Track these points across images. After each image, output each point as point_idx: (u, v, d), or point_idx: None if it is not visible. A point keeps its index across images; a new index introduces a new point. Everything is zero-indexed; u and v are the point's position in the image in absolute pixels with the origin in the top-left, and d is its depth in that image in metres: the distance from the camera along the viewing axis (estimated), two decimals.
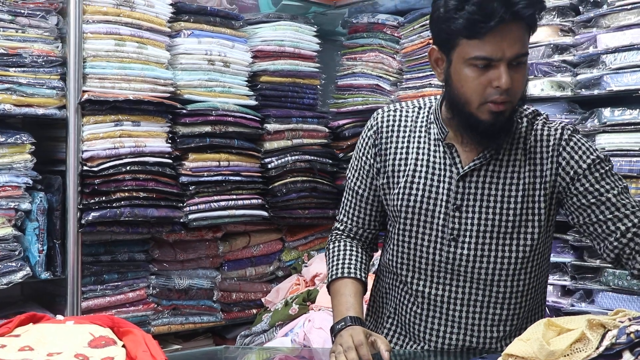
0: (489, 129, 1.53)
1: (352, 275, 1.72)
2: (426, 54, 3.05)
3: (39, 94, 2.57)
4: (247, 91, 3.15)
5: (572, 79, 2.61)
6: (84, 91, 2.65)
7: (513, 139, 1.62)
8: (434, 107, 1.69)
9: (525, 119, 1.65)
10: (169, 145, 2.87)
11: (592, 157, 1.59)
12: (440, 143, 1.65)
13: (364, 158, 1.74)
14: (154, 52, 2.83)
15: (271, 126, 3.18)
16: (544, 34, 2.69)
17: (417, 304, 1.67)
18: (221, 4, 3.17)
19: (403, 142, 1.69)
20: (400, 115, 1.72)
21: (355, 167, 1.77)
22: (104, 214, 2.66)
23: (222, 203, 3.01)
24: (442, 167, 1.63)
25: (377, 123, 1.73)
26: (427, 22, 3.05)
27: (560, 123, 1.66)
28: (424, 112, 1.71)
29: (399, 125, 1.71)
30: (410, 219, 1.65)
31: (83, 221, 2.63)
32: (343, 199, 1.82)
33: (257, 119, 3.14)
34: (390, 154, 1.70)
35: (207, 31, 3.02)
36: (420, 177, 1.64)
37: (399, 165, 1.68)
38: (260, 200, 3.14)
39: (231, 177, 3.04)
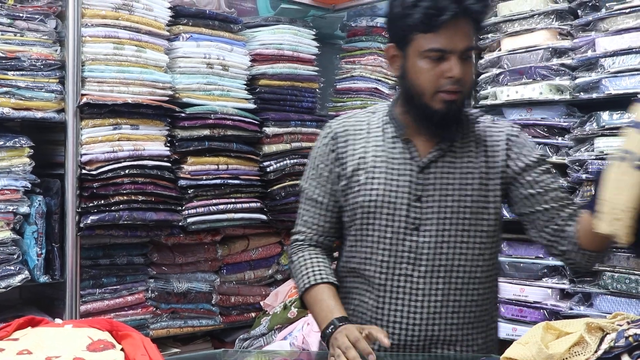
0: (443, 118, 1.64)
1: (325, 280, 1.74)
2: None
3: (37, 97, 2.57)
4: (245, 94, 3.15)
5: (570, 83, 2.61)
6: (83, 95, 2.65)
7: (465, 132, 1.73)
8: (388, 109, 1.79)
9: (473, 116, 1.78)
10: (168, 148, 2.87)
11: (538, 152, 1.74)
12: (398, 140, 1.73)
13: (322, 166, 1.80)
14: (152, 55, 2.83)
15: (270, 129, 3.18)
16: (542, 38, 2.69)
17: (379, 299, 1.71)
18: (220, 7, 3.17)
19: (360, 144, 1.76)
20: (354, 121, 1.81)
21: (312, 177, 1.82)
22: (103, 218, 2.66)
23: (221, 206, 3.01)
24: (401, 161, 1.71)
25: (332, 130, 1.81)
26: None
27: (507, 122, 1.81)
28: (377, 115, 1.80)
29: (354, 130, 1.79)
30: (373, 212, 1.70)
31: (82, 225, 2.63)
32: (300, 211, 1.85)
33: (256, 122, 3.14)
34: (348, 157, 1.76)
35: (206, 35, 3.02)
36: (380, 173, 1.71)
37: (358, 165, 1.74)
38: (259, 204, 3.14)
39: (230, 181, 3.04)
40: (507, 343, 1.34)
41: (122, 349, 1.34)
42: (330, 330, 1.62)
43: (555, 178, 1.74)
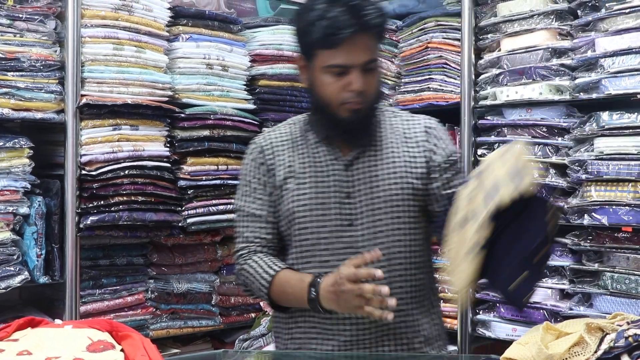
0: (350, 126, 1.73)
1: (284, 267, 1.76)
2: (425, 57, 3.09)
3: (37, 98, 2.57)
4: (245, 95, 3.15)
5: (570, 83, 2.61)
6: (82, 95, 2.65)
7: (385, 126, 1.83)
8: (307, 117, 1.87)
9: (391, 112, 1.87)
10: (168, 149, 2.87)
11: (451, 148, 1.83)
12: (321, 144, 1.80)
13: (255, 180, 1.85)
14: (152, 56, 2.83)
15: None
16: (542, 38, 2.69)
17: None
18: (219, 8, 3.17)
19: (287, 154, 1.83)
20: (276, 135, 1.88)
21: (246, 193, 1.86)
22: (103, 218, 2.66)
23: (221, 207, 3.01)
24: (327, 163, 1.79)
25: (258, 145, 1.87)
26: (426, 26, 3.09)
27: (422, 115, 1.90)
28: (298, 125, 1.87)
29: (279, 142, 1.86)
30: (306, 216, 1.76)
31: (81, 225, 2.63)
32: (239, 230, 1.86)
33: (256, 122, 3.14)
34: (277, 168, 1.82)
35: (206, 35, 3.02)
36: (308, 177, 1.78)
37: (286, 174, 1.81)
38: None
39: (230, 181, 3.03)
40: (507, 343, 1.34)
41: (122, 350, 1.34)
42: (319, 279, 1.64)
43: (462, 177, 1.82)
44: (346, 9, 1.62)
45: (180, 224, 2.89)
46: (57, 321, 1.48)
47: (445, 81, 3.03)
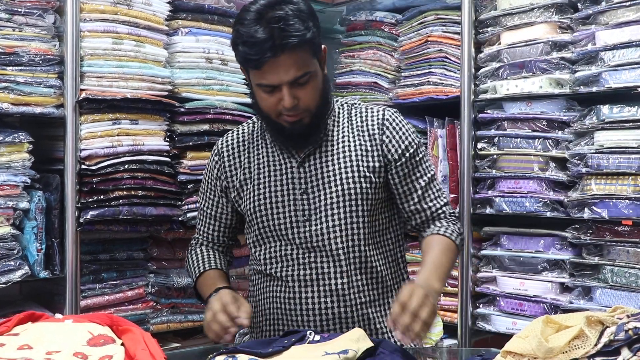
0: (293, 133, 1.76)
1: (213, 267, 1.93)
2: (425, 51, 3.09)
3: (36, 92, 2.56)
4: (245, 89, 3.15)
5: (570, 76, 2.61)
6: (82, 90, 2.64)
7: (343, 122, 1.86)
8: None
9: (346, 105, 1.90)
10: (167, 143, 2.86)
11: (409, 140, 1.85)
12: (275, 143, 1.86)
13: (209, 180, 1.98)
14: (151, 50, 2.82)
15: None
16: (542, 31, 2.69)
17: (289, 291, 1.82)
18: (219, 2, 3.16)
19: (245, 156, 1.90)
20: (238, 135, 1.95)
21: (203, 190, 2.02)
22: (103, 213, 2.66)
23: None
24: (282, 161, 1.85)
25: (217, 149, 1.96)
26: (426, 19, 3.09)
27: (383, 107, 1.91)
28: (257, 125, 1.94)
29: (238, 144, 1.93)
30: (266, 214, 1.83)
31: (81, 220, 2.63)
32: (197, 222, 2.06)
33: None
34: (236, 169, 1.91)
35: (205, 29, 3.02)
36: (264, 176, 1.85)
37: (245, 175, 1.89)
38: None
39: None
40: (507, 337, 1.34)
41: (122, 344, 1.34)
42: (211, 297, 1.76)
43: (425, 171, 1.87)
44: (267, 31, 1.61)
45: (180, 218, 2.89)
46: (58, 315, 1.48)
47: (445, 75, 3.03)
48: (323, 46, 1.79)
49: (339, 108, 1.89)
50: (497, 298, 2.80)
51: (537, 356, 1.18)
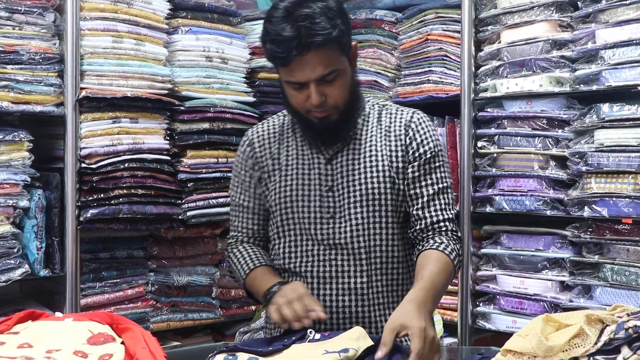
0: (323, 128, 1.77)
1: (263, 263, 1.86)
2: (425, 49, 3.09)
3: (36, 91, 2.56)
4: (245, 88, 3.15)
5: (570, 75, 2.61)
6: (82, 88, 2.64)
7: (372, 121, 1.85)
8: None
9: (377, 106, 1.89)
10: (167, 142, 2.86)
11: (430, 145, 1.82)
12: (305, 138, 1.85)
13: (243, 172, 1.92)
14: (151, 48, 2.82)
15: None
16: (542, 30, 2.69)
17: (307, 287, 1.78)
18: (219, 0, 3.16)
19: (275, 147, 1.89)
20: (269, 127, 1.93)
21: (236, 184, 1.95)
22: (103, 211, 2.66)
23: (221, 200, 3.01)
24: (311, 156, 1.84)
25: (248, 139, 1.94)
26: (426, 18, 3.09)
27: (413, 109, 1.88)
28: (288, 118, 1.92)
29: (269, 134, 1.92)
30: (290, 207, 1.81)
31: (81, 218, 2.63)
32: (230, 219, 1.99)
33: (256, 115, 3.14)
34: (265, 160, 1.89)
35: (205, 28, 3.02)
36: (292, 169, 1.84)
37: (274, 165, 1.87)
38: None
39: (229, 174, 3.02)
40: (507, 335, 1.34)
41: (122, 342, 1.34)
42: (275, 288, 1.71)
43: (439, 181, 1.82)
44: (294, 29, 1.62)
45: (180, 217, 2.89)
46: (58, 314, 1.48)
47: (445, 73, 3.02)
48: (353, 43, 1.77)
49: (369, 108, 1.88)
50: (497, 296, 2.80)
51: (537, 355, 1.18)
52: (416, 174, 1.81)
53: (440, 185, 1.82)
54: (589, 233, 2.56)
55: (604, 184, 2.49)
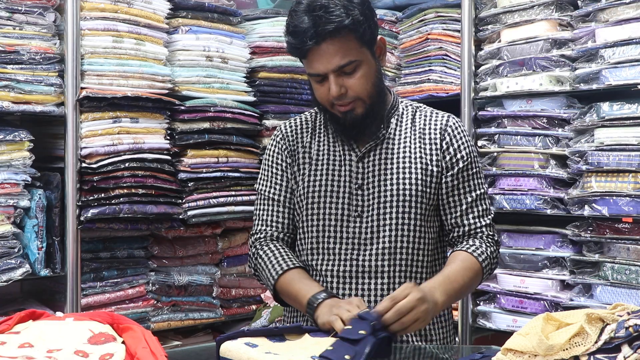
0: (349, 122, 1.75)
1: (297, 265, 1.78)
2: (425, 49, 3.09)
3: (36, 91, 2.56)
4: (245, 87, 3.15)
5: (570, 74, 2.61)
6: (82, 88, 2.64)
7: (407, 122, 1.84)
8: None
9: (411, 107, 1.87)
10: (168, 141, 2.86)
11: (466, 151, 1.81)
12: (338, 134, 1.83)
13: (276, 164, 1.89)
14: (151, 48, 2.82)
15: (270, 122, 3.17)
16: (542, 29, 2.69)
17: (327, 286, 1.77)
18: (219, 0, 3.16)
19: (307, 140, 1.88)
20: (301, 121, 1.92)
21: (266, 177, 1.90)
22: (103, 211, 2.66)
23: (221, 199, 3.01)
24: (342, 152, 1.82)
25: (281, 132, 1.91)
26: (426, 17, 3.09)
27: (448, 114, 1.87)
28: (320, 115, 1.90)
29: (302, 128, 1.90)
30: (318, 202, 1.80)
31: (82, 218, 2.63)
32: (256, 212, 1.91)
33: (256, 115, 3.14)
34: (297, 154, 1.87)
35: (205, 27, 3.02)
36: (323, 165, 1.82)
37: (305, 159, 1.85)
38: None
39: (230, 173, 3.04)
40: (508, 334, 1.34)
41: (123, 342, 1.34)
42: (323, 296, 1.63)
43: (476, 187, 1.82)
44: (310, 19, 1.63)
45: (180, 217, 2.89)
46: (59, 314, 1.48)
47: (445, 72, 3.03)
48: (379, 37, 1.77)
49: (403, 108, 1.86)
50: (498, 295, 2.80)
51: (537, 353, 1.18)
52: (455, 182, 1.79)
53: (478, 192, 1.82)
54: (589, 232, 2.56)
55: (604, 183, 2.49)
